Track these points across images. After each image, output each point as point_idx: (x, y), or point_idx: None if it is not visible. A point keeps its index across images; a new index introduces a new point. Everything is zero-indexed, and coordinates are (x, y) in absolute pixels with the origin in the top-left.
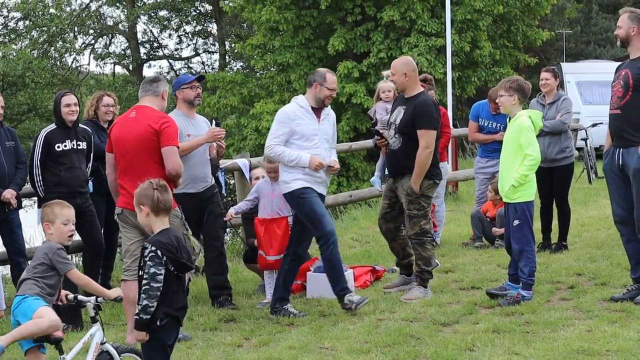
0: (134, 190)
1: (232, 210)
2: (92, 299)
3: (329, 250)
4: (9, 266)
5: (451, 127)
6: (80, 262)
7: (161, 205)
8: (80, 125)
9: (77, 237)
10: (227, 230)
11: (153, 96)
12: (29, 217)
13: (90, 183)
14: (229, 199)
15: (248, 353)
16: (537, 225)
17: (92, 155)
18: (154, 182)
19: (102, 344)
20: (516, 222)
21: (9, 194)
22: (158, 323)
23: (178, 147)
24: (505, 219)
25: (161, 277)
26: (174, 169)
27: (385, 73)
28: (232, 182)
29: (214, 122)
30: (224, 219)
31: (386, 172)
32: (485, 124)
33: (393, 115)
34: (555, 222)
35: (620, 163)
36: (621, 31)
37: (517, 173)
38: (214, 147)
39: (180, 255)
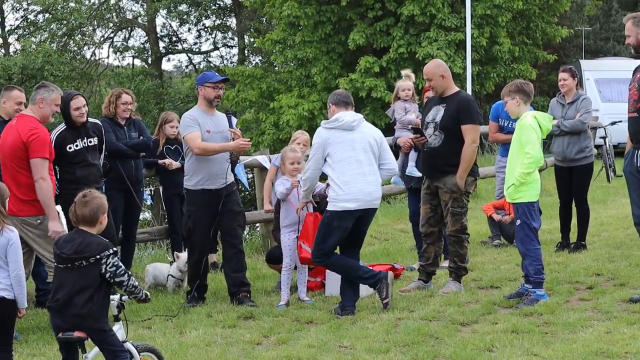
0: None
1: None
2: (116, 297)
3: None
4: None
5: None
6: None
7: (74, 219)
8: (90, 120)
9: None
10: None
11: (32, 104)
12: None
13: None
14: (247, 193)
15: (267, 351)
16: (555, 224)
17: (103, 147)
18: (79, 195)
19: (123, 342)
20: (518, 222)
21: None
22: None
23: (47, 159)
24: (514, 219)
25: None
26: (38, 180)
27: (404, 72)
28: (250, 175)
29: (232, 118)
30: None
31: (407, 173)
32: (505, 124)
33: (430, 114)
34: (574, 222)
35: (638, 165)
36: (631, 39)
37: (517, 172)
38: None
39: (57, 248)
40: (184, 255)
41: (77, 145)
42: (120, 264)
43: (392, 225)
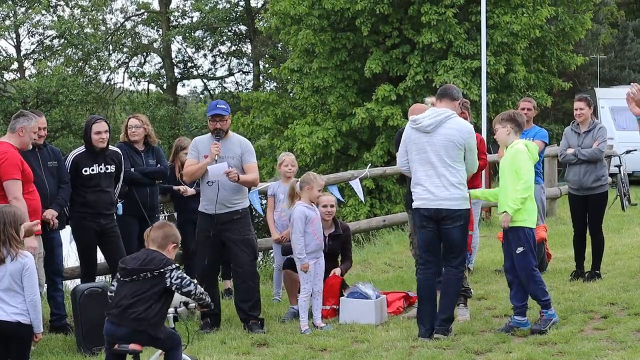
0: None
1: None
2: (172, 310)
3: None
4: (45, 285)
5: (486, 152)
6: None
7: (145, 239)
8: (111, 147)
9: (102, 259)
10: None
11: (10, 132)
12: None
13: (120, 205)
14: (261, 219)
15: None
16: (570, 253)
17: (121, 176)
18: (159, 221)
19: None
20: (520, 249)
21: (50, 214)
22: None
23: (18, 179)
24: (505, 246)
25: (112, 287)
26: (12, 200)
27: (428, 100)
28: (264, 202)
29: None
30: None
31: None
32: None
33: None
34: (588, 250)
35: None
36: None
37: (511, 198)
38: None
39: (123, 263)
40: None
41: (92, 170)
42: (185, 275)
43: (407, 252)
